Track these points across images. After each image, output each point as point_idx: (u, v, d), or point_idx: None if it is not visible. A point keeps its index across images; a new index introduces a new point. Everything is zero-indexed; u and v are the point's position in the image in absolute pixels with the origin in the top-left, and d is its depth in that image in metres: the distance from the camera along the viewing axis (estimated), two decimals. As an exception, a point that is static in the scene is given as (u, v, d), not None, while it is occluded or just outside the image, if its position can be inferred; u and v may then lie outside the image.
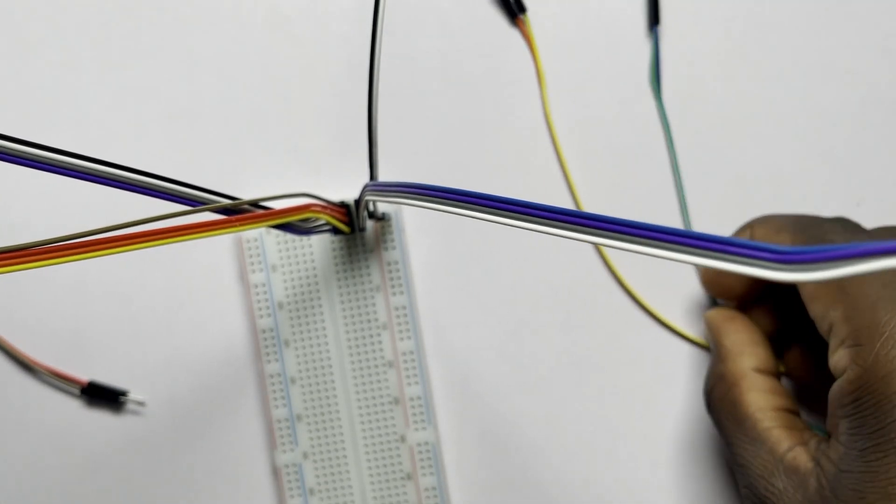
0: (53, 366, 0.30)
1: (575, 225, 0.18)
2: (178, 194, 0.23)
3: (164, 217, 0.22)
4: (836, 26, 0.31)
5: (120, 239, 0.21)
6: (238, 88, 0.31)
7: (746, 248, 0.15)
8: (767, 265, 0.15)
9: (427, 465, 0.29)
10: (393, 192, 0.23)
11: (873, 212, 0.30)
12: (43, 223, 0.31)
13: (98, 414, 0.30)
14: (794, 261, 0.15)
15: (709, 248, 0.16)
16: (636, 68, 0.31)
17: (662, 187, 0.30)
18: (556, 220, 0.19)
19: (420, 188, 0.22)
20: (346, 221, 0.28)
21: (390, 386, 0.29)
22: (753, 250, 0.15)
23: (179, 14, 0.31)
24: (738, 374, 0.26)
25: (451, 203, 0.21)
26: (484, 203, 0.20)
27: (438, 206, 0.21)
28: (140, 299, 0.30)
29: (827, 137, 0.30)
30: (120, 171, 0.22)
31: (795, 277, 0.14)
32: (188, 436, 0.30)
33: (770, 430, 0.25)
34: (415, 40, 0.31)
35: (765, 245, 0.15)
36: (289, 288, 0.30)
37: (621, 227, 0.18)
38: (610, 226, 0.18)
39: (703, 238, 0.16)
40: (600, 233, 0.18)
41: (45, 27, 0.31)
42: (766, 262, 0.15)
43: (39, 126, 0.31)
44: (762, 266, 0.15)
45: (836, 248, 0.14)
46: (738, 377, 0.26)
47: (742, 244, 0.15)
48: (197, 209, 0.23)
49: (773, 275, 0.15)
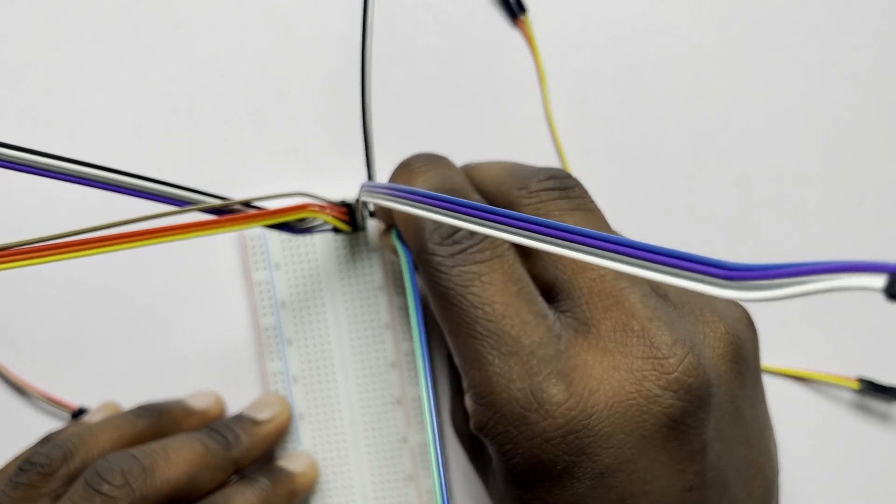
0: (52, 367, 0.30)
1: (559, 240, 0.18)
2: (165, 195, 0.23)
3: (154, 217, 0.22)
4: (837, 26, 0.31)
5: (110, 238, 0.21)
6: (238, 88, 0.31)
7: (697, 263, 0.15)
8: (713, 281, 0.15)
9: (428, 467, 0.29)
10: (385, 194, 0.23)
11: (873, 212, 0.30)
12: (35, 223, 0.31)
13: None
14: (740, 278, 0.14)
15: (660, 262, 0.16)
16: (636, 68, 0.31)
17: (663, 187, 0.30)
18: (537, 232, 0.18)
19: (411, 193, 0.21)
20: (347, 220, 0.28)
21: (392, 386, 0.29)
22: (700, 265, 0.15)
23: (178, 14, 0.31)
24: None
25: (439, 211, 0.20)
26: (473, 214, 0.19)
27: (427, 212, 0.21)
28: (142, 298, 0.30)
29: (827, 137, 0.31)
30: (106, 174, 0.22)
31: (742, 296, 0.14)
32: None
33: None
34: (415, 41, 0.31)
35: (711, 261, 0.15)
36: (292, 286, 0.29)
37: (571, 234, 0.17)
38: (575, 237, 0.17)
39: (651, 250, 0.16)
40: (571, 245, 0.17)
41: (45, 27, 0.31)
42: (711, 277, 0.15)
43: (39, 126, 0.31)
44: (707, 282, 0.15)
45: (785, 267, 0.14)
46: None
47: (693, 259, 0.15)
48: (184, 209, 0.23)
49: (718, 291, 0.15)
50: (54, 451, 0.25)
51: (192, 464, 0.26)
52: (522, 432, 0.21)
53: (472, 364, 0.22)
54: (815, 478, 0.30)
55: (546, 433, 0.21)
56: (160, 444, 0.26)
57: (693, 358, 0.21)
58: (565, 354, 0.22)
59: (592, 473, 0.21)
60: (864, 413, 0.30)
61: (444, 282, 0.23)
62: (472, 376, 0.22)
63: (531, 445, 0.21)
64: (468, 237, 0.23)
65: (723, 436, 0.22)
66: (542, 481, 0.22)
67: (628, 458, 0.21)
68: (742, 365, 0.22)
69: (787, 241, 0.30)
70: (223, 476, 0.27)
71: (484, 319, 0.22)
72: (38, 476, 0.24)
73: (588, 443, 0.21)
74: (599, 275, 0.22)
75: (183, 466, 0.25)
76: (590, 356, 0.22)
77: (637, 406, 0.21)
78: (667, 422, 0.21)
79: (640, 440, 0.21)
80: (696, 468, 0.21)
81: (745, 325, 0.23)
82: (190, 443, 0.26)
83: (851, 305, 0.30)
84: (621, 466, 0.21)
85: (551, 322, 0.22)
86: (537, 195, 0.24)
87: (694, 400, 0.21)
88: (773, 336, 0.30)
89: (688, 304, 0.23)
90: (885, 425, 0.30)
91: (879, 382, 0.29)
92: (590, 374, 0.21)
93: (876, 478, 0.30)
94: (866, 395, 0.30)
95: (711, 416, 0.21)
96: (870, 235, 0.30)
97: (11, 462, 0.26)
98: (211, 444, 0.26)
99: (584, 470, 0.21)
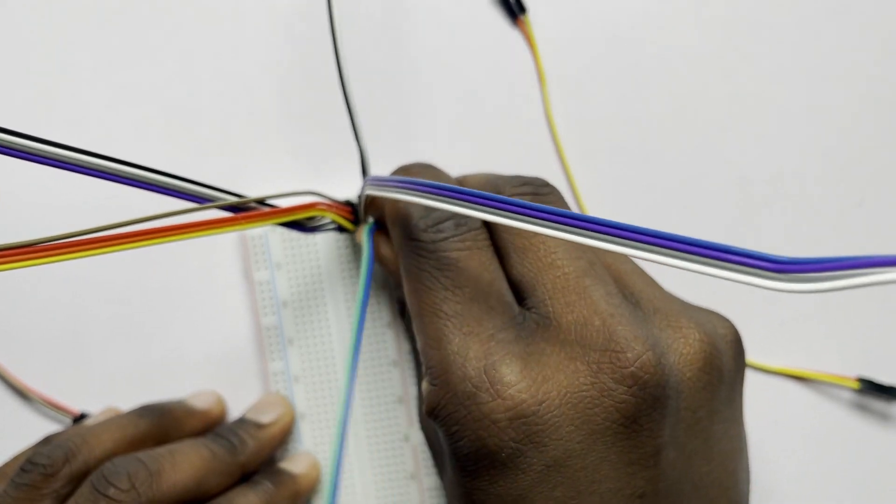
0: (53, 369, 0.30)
1: (574, 227, 0.18)
2: (186, 191, 0.23)
3: (168, 214, 0.22)
4: (837, 26, 0.31)
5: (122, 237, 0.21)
6: (240, 87, 0.31)
7: (742, 256, 0.15)
8: (763, 274, 0.15)
9: (430, 465, 0.29)
10: (392, 186, 0.23)
11: (873, 212, 0.30)
12: (43, 223, 0.31)
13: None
14: (790, 271, 0.14)
15: (707, 256, 0.16)
16: (636, 68, 0.31)
17: (663, 187, 0.31)
18: (556, 222, 0.19)
19: (418, 184, 0.22)
20: (351, 220, 0.28)
21: (394, 385, 0.29)
22: (749, 258, 0.15)
23: (180, 13, 0.31)
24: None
25: (447, 200, 0.21)
26: (481, 202, 0.20)
27: (435, 202, 0.21)
28: (143, 299, 0.30)
29: (827, 137, 0.31)
30: (128, 168, 0.22)
31: (792, 288, 0.14)
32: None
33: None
34: (416, 40, 0.31)
35: (761, 254, 0.15)
36: (293, 286, 0.30)
37: (621, 231, 0.18)
38: (609, 230, 0.18)
39: (699, 244, 0.16)
40: (599, 237, 0.18)
41: (45, 27, 0.31)
42: (762, 270, 0.15)
43: (39, 126, 0.31)
44: (757, 275, 0.15)
45: (834, 261, 0.14)
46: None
47: (738, 252, 0.15)
48: (204, 206, 0.23)
49: (768, 284, 0.15)
50: (56, 451, 0.25)
51: (199, 469, 0.26)
52: (471, 412, 0.21)
53: (432, 344, 0.23)
54: (814, 478, 0.30)
55: (494, 414, 0.21)
56: (167, 449, 0.26)
57: (652, 356, 0.21)
58: (525, 341, 0.22)
59: (539, 465, 0.21)
60: (864, 413, 0.30)
61: (421, 264, 0.23)
62: (431, 356, 0.23)
63: (478, 427, 0.21)
64: (452, 228, 0.24)
65: (680, 445, 0.22)
66: (487, 468, 0.21)
67: (577, 453, 0.21)
68: (712, 376, 0.22)
69: (786, 241, 0.30)
70: (229, 481, 0.27)
71: (453, 301, 0.23)
72: (41, 476, 0.24)
73: (536, 430, 0.21)
74: (564, 273, 0.22)
75: (189, 471, 0.25)
76: (548, 346, 0.22)
77: (590, 398, 0.21)
78: (618, 417, 0.21)
79: (591, 435, 0.21)
80: (646, 474, 0.21)
81: (727, 341, 0.23)
82: (196, 448, 0.26)
83: (852, 305, 0.30)
84: (569, 461, 0.21)
85: (516, 313, 0.23)
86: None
87: (648, 398, 0.21)
88: (774, 336, 0.30)
89: (661, 310, 0.23)
90: (885, 425, 0.30)
91: (879, 382, 0.29)
92: (546, 361, 0.21)
93: (876, 478, 0.30)
94: (866, 395, 0.30)
95: (667, 420, 0.21)
96: (870, 235, 0.30)
97: (11, 462, 0.26)
98: (217, 450, 0.27)
99: (529, 460, 0.21)
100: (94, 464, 0.25)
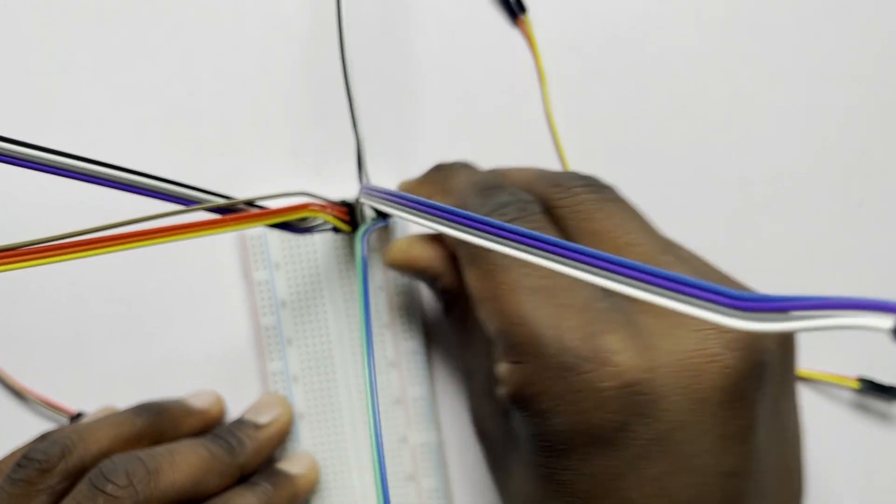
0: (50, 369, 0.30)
1: (556, 256, 0.18)
2: (172, 193, 0.23)
3: (157, 216, 0.22)
4: (837, 26, 0.31)
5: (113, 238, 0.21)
6: (238, 88, 0.31)
7: (700, 289, 0.15)
8: (719, 310, 0.15)
9: (429, 467, 0.29)
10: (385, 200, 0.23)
11: (873, 212, 0.30)
12: (36, 224, 0.31)
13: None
14: (746, 308, 0.14)
15: (662, 287, 0.16)
16: (636, 68, 0.31)
17: (663, 187, 0.31)
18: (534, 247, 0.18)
19: (412, 201, 0.21)
20: (347, 220, 0.28)
21: (392, 386, 0.29)
22: (707, 293, 0.15)
23: (180, 13, 0.31)
24: (458, 287, 0.26)
25: (439, 221, 0.20)
26: (473, 226, 0.19)
27: (426, 222, 0.21)
28: (141, 299, 0.30)
29: (827, 137, 0.31)
30: (113, 171, 0.22)
31: (746, 326, 0.14)
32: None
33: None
34: (416, 40, 0.31)
35: (719, 289, 0.15)
36: (292, 286, 0.30)
37: (582, 256, 0.17)
38: (575, 255, 0.17)
39: (657, 275, 0.16)
40: (563, 261, 0.17)
41: (45, 27, 0.31)
42: (718, 305, 0.15)
43: (38, 126, 0.31)
44: (713, 310, 0.15)
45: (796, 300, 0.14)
46: (461, 290, 0.25)
47: (695, 285, 0.15)
48: (191, 208, 0.23)
49: (723, 320, 0.15)
50: (52, 447, 0.25)
51: (198, 469, 0.26)
52: (572, 385, 0.20)
53: (516, 321, 0.21)
54: (814, 477, 0.30)
55: (600, 383, 0.20)
56: (165, 448, 0.26)
57: None
58: (622, 311, 0.21)
59: (642, 439, 0.20)
60: (864, 413, 0.30)
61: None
62: (515, 334, 0.21)
63: (579, 399, 0.20)
64: (516, 211, 0.23)
65: (766, 422, 0.21)
66: (583, 445, 0.20)
67: (680, 425, 0.20)
68: (789, 352, 0.22)
69: (786, 242, 0.30)
70: (228, 482, 0.27)
71: (535, 276, 0.21)
72: (36, 472, 0.24)
73: (644, 401, 0.20)
74: (644, 250, 0.22)
75: (188, 471, 0.25)
76: (647, 317, 0.21)
77: (697, 365, 0.20)
78: (724, 384, 0.20)
79: (696, 403, 0.20)
80: (740, 449, 0.20)
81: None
82: (195, 448, 0.26)
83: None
84: (672, 433, 0.20)
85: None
86: (573, 191, 0.24)
87: (752, 365, 0.20)
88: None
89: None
90: (885, 425, 0.30)
91: (879, 382, 0.29)
92: (650, 329, 0.20)
93: (876, 478, 0.30)
94: (866, 395, 0.30)
95: (763, 392, 0.20)
96: (870, 235, 0.30)
97: (6, 458, 0.26)
98: (215, 450, 0.26)
99: (634, 434, 0.20)
100: (90, 460, 0.25)
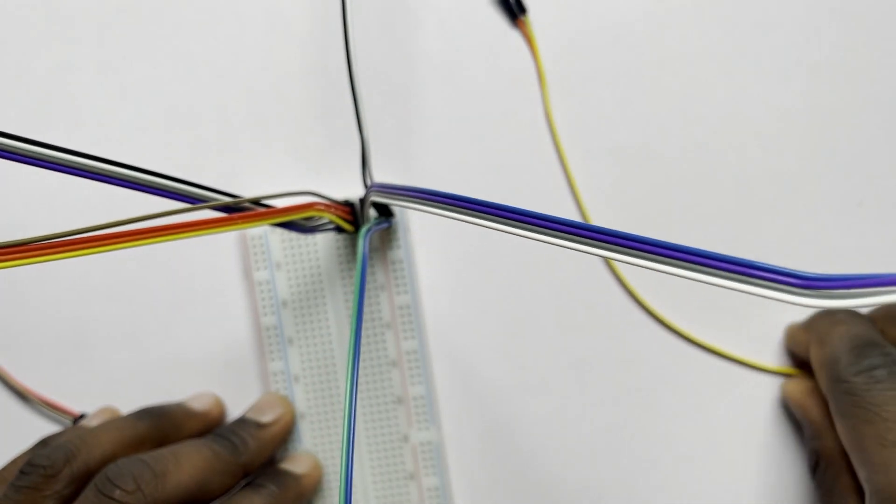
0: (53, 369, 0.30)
1: (586, 238, 0.18)
2: (179, 191, 0.23)
3: (164, 214, 0.22)
4: (838, 26, 0.31)
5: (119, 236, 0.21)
6: (240, 88, 0.31)
7: (769, 272, 0.15)
8: (790, 290, 0.15)
9: (429, 465, 0.29)
10: (398, 194, 0.23)
11: (873, 212, 0.30)
12: (42, 221, 0.31)
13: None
14: (817, 287, 0.15)
15: (730, 271, 0.16)
16: (636, 68, 0.31)
17: (663, 187, 0.31)
18: (566, 232, 0.18)
19: (425, 193, 0.22)
20: (350, 220, 0.28)
21: (394, 385, 0.29)
22: (776, 275, 0.15)
23: (180, 14, 0.31)
24: (830, 453, 0.27)
25: (454, 209, 0.21)
26: (488, 211, 0.20)
27: (442, 211, 0.21)
28: (143, 299, 0.31)
29: (827, 137, 0.31)
30: (122, 169, 0.22)
31: (818, 303, 0.15)
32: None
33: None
34: (416, 41, 0.31)
35: (788, 270, 0.15)
36: (293, 286, 0.30)
37: (634, 242, 0.17)
38: (621, 241, 0.17)
39: (725, 260, 0.16)
40: (612, 248, 0.17)
41: (45, 27, 0.31)
42: (789, 286, 0.15)
43: (39, 126, 0.31)
44: (784, 291, 0.15)
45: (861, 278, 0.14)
46: (833, 456, 0.27)
47: (765, 268, 0.15)
48: (197, 206, 0.23)
49: (795, 300, 0.15)
50: (56, 452, 0.25)
51: (202, 469, 0.26)
52: None
53: (880, 469, 0.24)
54: (814, 477, 0.30)
55: None
56: (169, 450, 0.26)
57: None
58: None
59: None
60: (864, 412, 0.30)
61: (857, 402, 0.25)
62: (879, 482, 0.24)
63: None
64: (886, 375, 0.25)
65: None
66: None
67: None
68: None
69: (787, 241, 0.30)
70: (232, 481, 0.27)
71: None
72: (42, 478, 0.24)
73: None
74: None
75: (192, 472, 0.25)
76: None
77: None
78: None
79: None
80: None
81: None
82: (199, 448, 0.26)
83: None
84: None
85: None
86: None
87: None
88: (773, 335, 0.30)
89: None
90: (884, 425, 0.30)
91: (879, 382, 0.29)
92: None
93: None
94: (866, 395, 0.30)
95: None
96: (870, 235, 0.30)
97: (8, 466, 0.26)
98: (219, 450, 0.27)
99: None
100: (94, 465, 0.25)
